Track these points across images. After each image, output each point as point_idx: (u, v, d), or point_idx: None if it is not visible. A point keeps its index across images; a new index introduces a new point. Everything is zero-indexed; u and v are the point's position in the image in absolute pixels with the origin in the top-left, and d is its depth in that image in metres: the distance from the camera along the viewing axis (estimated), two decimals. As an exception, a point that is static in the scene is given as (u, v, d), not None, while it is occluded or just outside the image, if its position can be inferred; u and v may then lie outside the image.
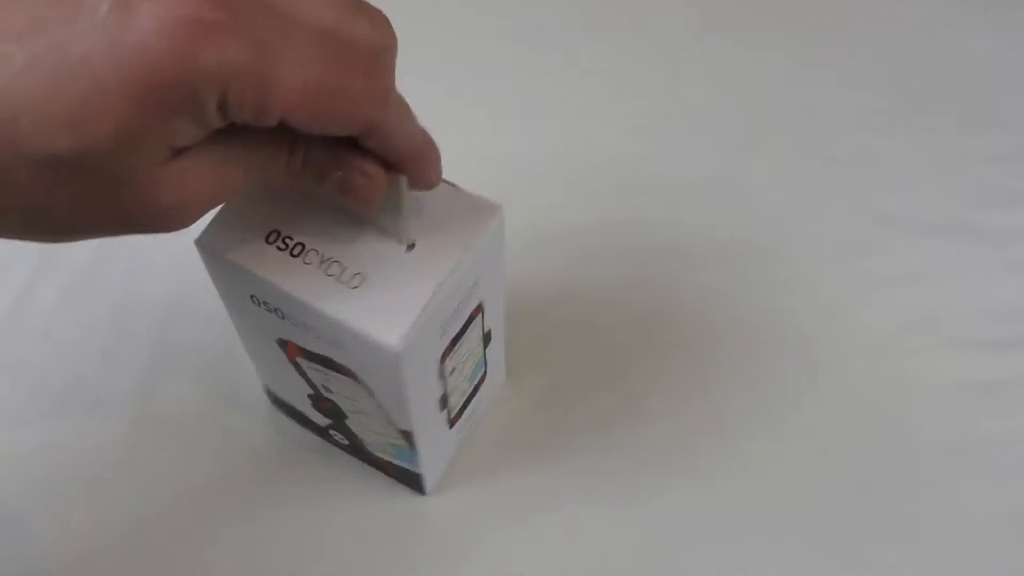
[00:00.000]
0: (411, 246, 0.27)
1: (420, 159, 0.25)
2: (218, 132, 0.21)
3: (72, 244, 0.44)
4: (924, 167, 0.49)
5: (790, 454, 0.38)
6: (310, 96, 0.20)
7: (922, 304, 0.43)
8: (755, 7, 0.56)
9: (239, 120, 0.20)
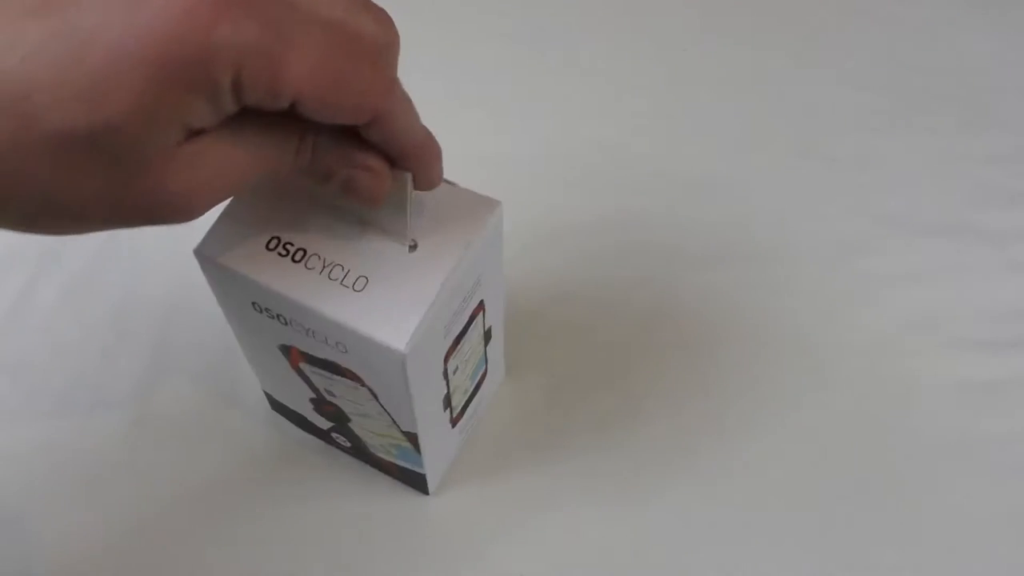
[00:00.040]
0: (413, 246, 0.27)
1: (423, 154, 0.25)
2: (230, 120, 0.21)
3: (72, 244, 0.44)
4: (924, 167, 0.49)
5: (790, 454, 0.38)
6: (320, 78, 0.21)
7: (922, 304, 0.43)
8: (755, 7, 0.56)
9: (252, 101, 0.21)
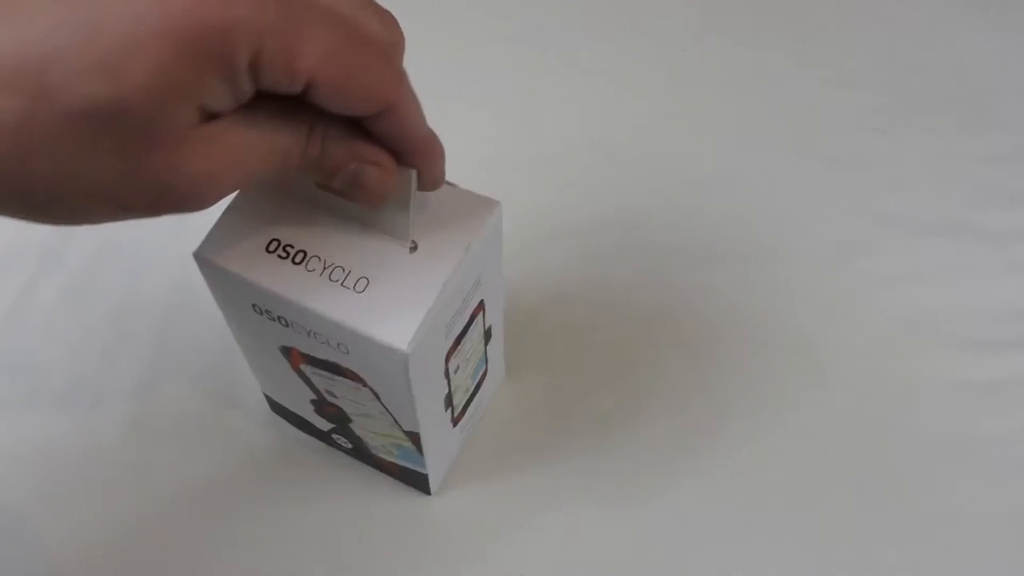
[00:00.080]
0: (413, 247, 0.27)
1: (429, 151, 0.25)
2: (243, 108, 0.22)
3: (72, 244, 0.44)
4: (924, 167, 0.49)
5: (790, 454, 0.38)
6: (334, 64, 0.21)
7: (922, 304, 0.43)
8: (755, 7, 0.56)
9: (267, 83, 0.21)
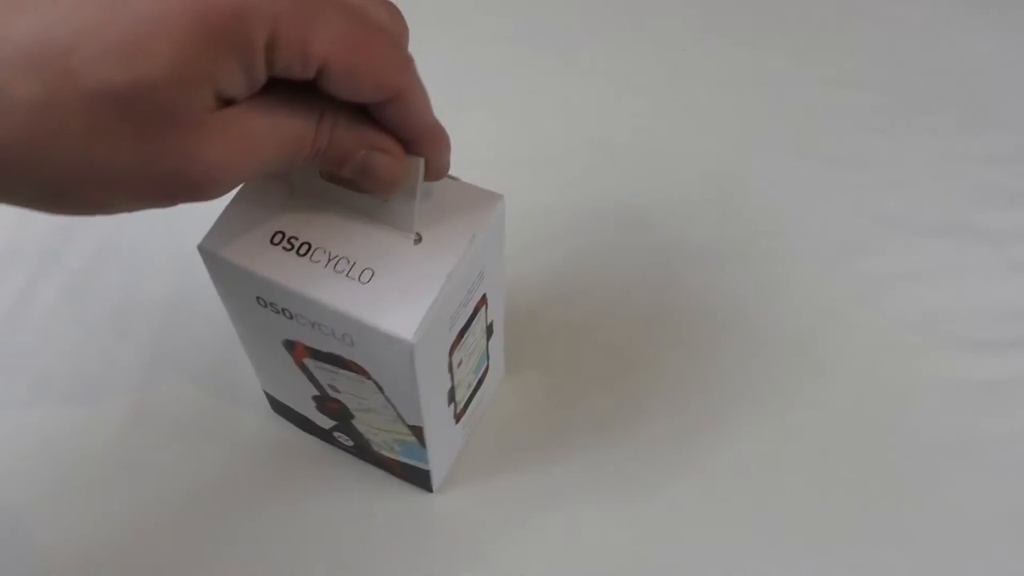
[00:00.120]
0: (418, 239, 0.28)
1: (436, 138, 0.26)
2: (256, 95, 0.22)
3: (72, 244, 0.44)
4: (924, 167, 0.49)
5: (790, 454, 0.38)
6: (346, 48, 0.22)
7: (922, 304, 0.43)
8: (755, 7, 0.56)
9: (281, 66, 0.21)
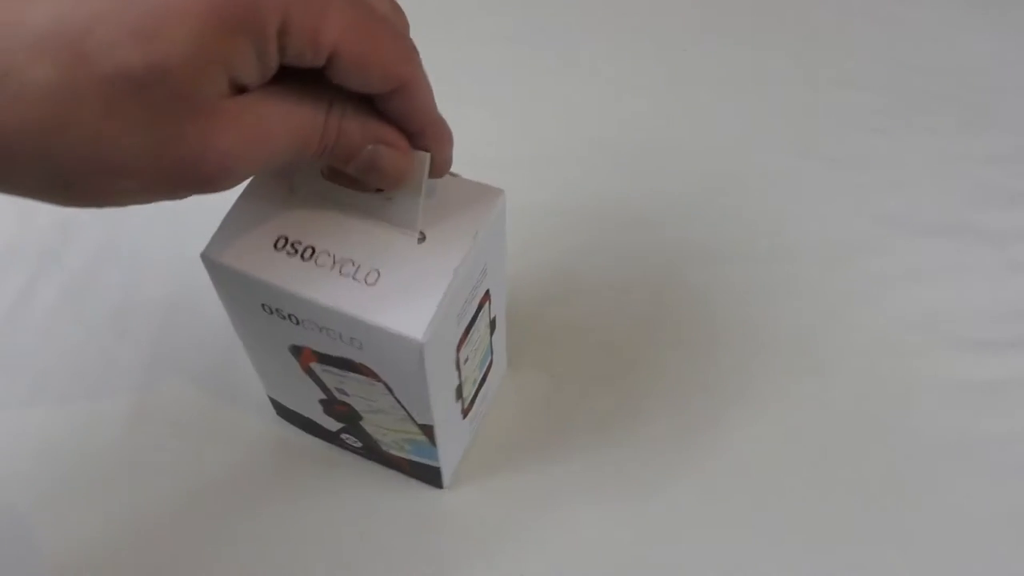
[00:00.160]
0: (421, 238, 0.28)
1: (440, 132, 0.26)
2: (267, 84, 0.22)
3: (72, 244, 0.44)
4: (924, 167, 0.49)
5: (790, 454, 0.38)
6: (355, 37, 0.22)
7: (922, 304, 0.43)
8: (755, 7, 0.56)
9: (293, 53, 0.22)
